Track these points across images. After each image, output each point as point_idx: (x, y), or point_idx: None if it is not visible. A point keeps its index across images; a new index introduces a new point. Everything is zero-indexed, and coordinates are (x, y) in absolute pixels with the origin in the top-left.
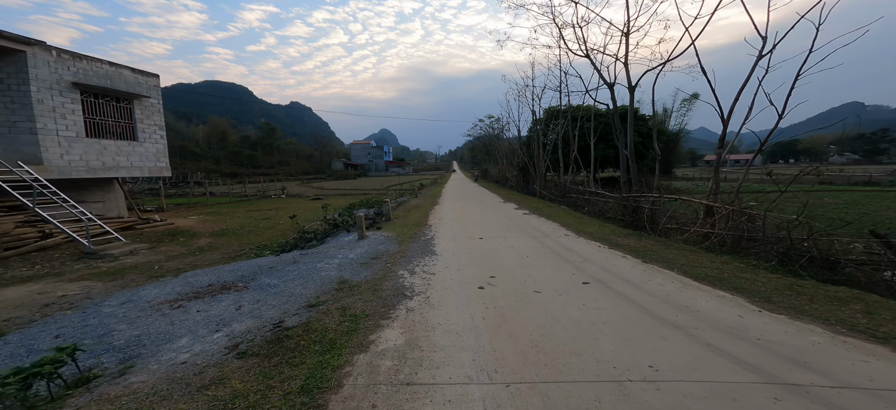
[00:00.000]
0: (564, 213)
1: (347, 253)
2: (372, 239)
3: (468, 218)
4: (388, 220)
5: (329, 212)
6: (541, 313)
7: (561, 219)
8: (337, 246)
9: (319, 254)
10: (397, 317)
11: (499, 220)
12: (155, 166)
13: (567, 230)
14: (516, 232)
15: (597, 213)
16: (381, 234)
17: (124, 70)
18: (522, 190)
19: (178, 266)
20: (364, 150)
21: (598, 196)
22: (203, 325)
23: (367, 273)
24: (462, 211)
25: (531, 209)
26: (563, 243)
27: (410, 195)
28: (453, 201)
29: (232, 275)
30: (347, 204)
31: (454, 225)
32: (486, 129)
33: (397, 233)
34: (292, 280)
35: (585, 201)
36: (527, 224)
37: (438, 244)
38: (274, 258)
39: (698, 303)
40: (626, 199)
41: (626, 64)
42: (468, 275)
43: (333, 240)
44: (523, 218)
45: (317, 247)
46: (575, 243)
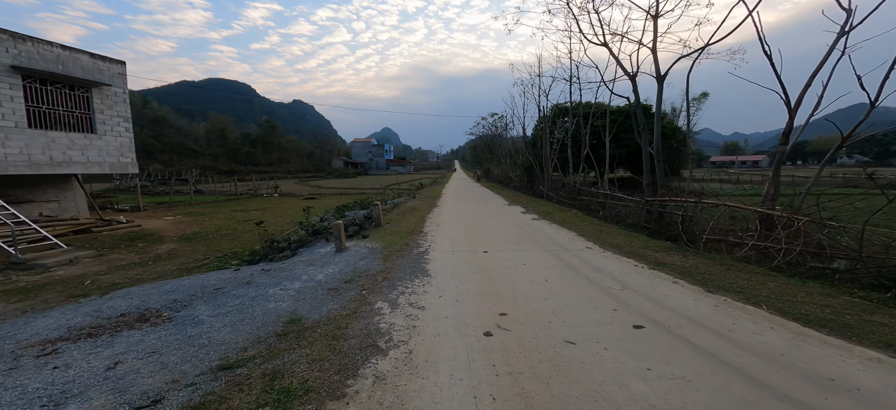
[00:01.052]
0: (578, 219)
1: (316, 273)
2: (353, 251)
3: (470, 223)
4: (378, 226)
5: (311, 216)
6: (584, 387)
7: (577, 227)
8: (308, 260)
9: (283, 272)
10: (356, 397)
11: (505, 227)
12: (118, 162)
13: (587, 241)
14: (527, 244)
15: (614, 219)
16: (366, 245)
17: (81, 55)
18: (527, 191)
19: (115, 280)
20: (365, 149)
21: (615, 199)
22: (28, 405)
23: (333, 305)
24: (463, 215)
25: (540, 213)
26: (589, 260)
27: (408, 196)
28: (454, 203)
29: (163, 299)
30: (340, 204)
31: (454, 233)
32: (489, 128)
33: (385, 244)
34: (228, 313)
35: (600, 205)
36: (538, 232)
37: (434, 259)
38: (231, 273)
39: (850, 374)
40: (650, 203)
41: (655, 50)
42: (470, 311)
43: (307, 252)
44: (533, 224)
45: (286, 260)
46: (603, 260)
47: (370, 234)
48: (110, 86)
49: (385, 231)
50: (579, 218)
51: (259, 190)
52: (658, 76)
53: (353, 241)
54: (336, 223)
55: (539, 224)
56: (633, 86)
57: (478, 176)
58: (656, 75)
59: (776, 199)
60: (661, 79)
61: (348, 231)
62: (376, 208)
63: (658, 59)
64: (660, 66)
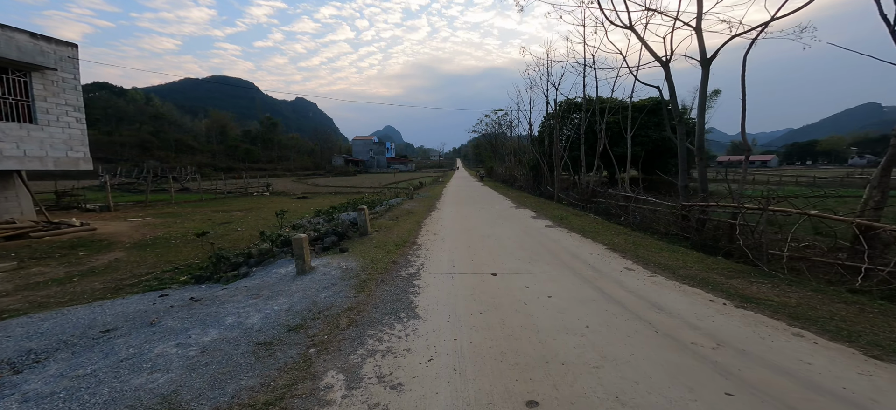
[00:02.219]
0: (599, 226)
1: (252, 312)
2: (320, 274)
3: (473, 231)
4: (363, 235)
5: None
6: None
7: (602, 237)
8: (256, 286)
9: (212, 305)
10: None
11: (516, 237)
12: (65, 157)
13: (623, 257)
14: (547, 262)
15: (639, 226)
16: (341, 263)
17: (17, 34)
18: (533, 191)
19: (6, 306)
20: (366, 146)
21: (639, 202)
22: None
23: (249, 381)
24: (465, 220)
25: (553, 218)
26: (639, 290)
27: (405, 196)
28: (455, 205)
29: (14, 349)
30: (332, 205)
31: (454, 246)
32: (492, 126)
33: (366, 262)
34: (65, 392)
35: (620, 208)
36: (556, 244)
37: (426, 287)
38: (152, 301)
39: None
40: (689, 208)
41: (699, 29)
42: (478, 396)
43: (262, 273)
44: (547, 233)
45: (230, 284)
46: (659, 291)
47: (351, 247)
48: (55, 70)
49: (371, 241)
50: (600, 225)
51: (249, 188)
52: (703, 59)
53: (325, 258)
54: (297, 237)
55: (555, 232)
56: (666, 73)
57: (481, 175)
58: (701, 59)
59: (882, 208)
60: (708, 63)
61: (324, 242)
62: (362, 213)
63: (703, 40)
64: (705, 47)
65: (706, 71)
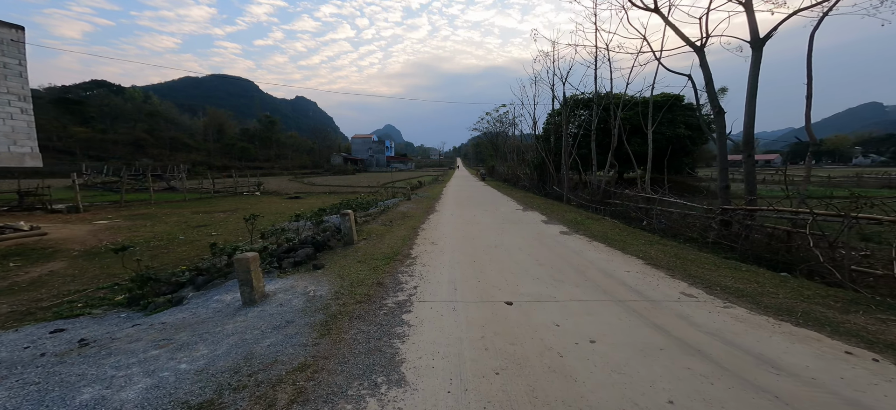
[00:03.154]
0: (623, 232)
1: (136, 379)
2: (273, 303)
3: (478, 240)
4: (348, 245)
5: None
6: None
7: (632, 247)
8: (176, 323)
9: (98, 355)
10: None
11: (530, 247)
12: (7, 153)
13: (674, 278)
14: (575, 282)
15: (667, 232)
16: (307, 287)
17: None
18: (538, 191)
19: None
20: (365, 145)
21: (664, 204)
22: None
23: None
24: (468, 225)
25: (567, 223)
26: (723, 332)
27: (403, 196)
28: (456, 207)
29: None
30: (324, 206)
31: (455, 260)
32: (493, 124)
33: (342, 285)
34: None
35: (641, 212)
36: (582, 257)
37: (418, 328)
38: (41, 333)
39: None
40: (730, 213)
41: (749, 5)
42: None
43: (201, 300)
44: (566, 242)
45: (154, 314)
46: (759, 337)
47: (329, 262)
48: None
49: (356, 253)
50: (623, 232)
51: (239, 187)
52: (755, 40)
53: (291, 278)
54: (241, 257)
55: (574, 241)
56: (701, 59)
57: (482, 174)
58: (751, 40)
59: None
60: (761, 45)
61: (296, 255)
62: (347, 218)
63: (755, 18)
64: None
65: (758, 54)
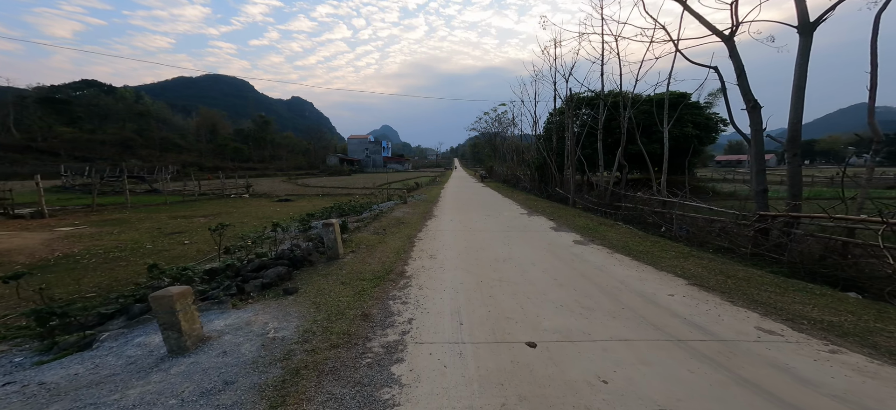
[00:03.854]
0: (645, 242)
1: None
2: (213, 351)
3: (483, 253)
4: (332, 260)
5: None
6: None
7: (664, 261)
8: (50, 388)
9: None
10: None
11: (544, 262)
12: None
13: (736, 306)
14: (610, 311)
15: (693, 240)
16: (269, 323)
17: None
18: (540, 192)
19: None
20: (361, 145)
21: (685, 209)
22: None
23: None
24: (470, 233)
25: (579, 230)
26: (865, 400)
27: (399, 199)
28: (456, 212)
29: None
30: (311, 210)
31: (458, 280)
32: (492, 124)
33: (316, 318)
34: None
35: (657, 216)
36: (608, 275)
37: (413, 390)
38: None
39: None
40: (771, 220)
41: None
42: None
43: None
44: (584, 254)
45: (48, 364)
46: None
47: (306, 283)
48: None
49: (340, 272)
50: (645, 241)
51: (226, 189)
52: (804, 25)
53: (249, 309)
54: (163, 294)
55: (593, 253)
56: (731, 49)
57: (481, 175)
58: (799, 25)
59: None
60: (811, 30)
61: (265, 275)
62: (330, 230)
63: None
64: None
65: (807, 39)
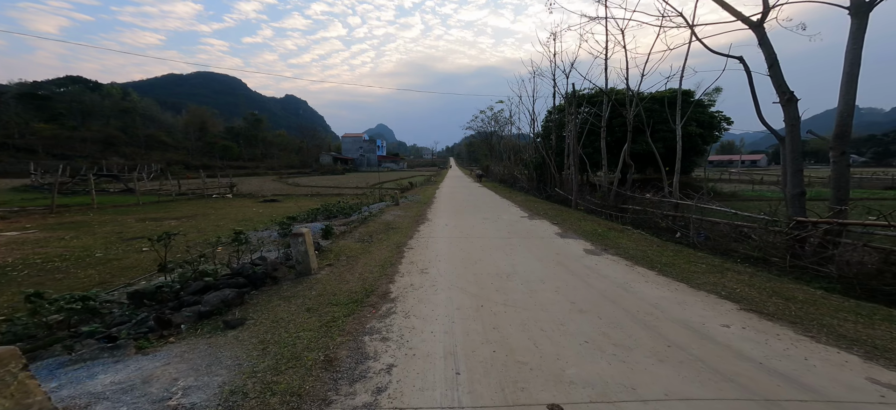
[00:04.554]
0: (662, 250)
1: None
2: None
3: (483, 266)
4: (303, 276)
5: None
6: None
7: (695, 276)
8: None
9: None
10: None
11: (557, 278)
12: None
13: (817, 342)
14: (655, 353)
15: (715, 247)
16: (179, 378)
17: None
18: (538, 193)
19: None
20: (355, 144)
21: (704, 213)
22: None
23: None
24: (467, 240)
25: (588, 236)
26: None
27: (391, 200)
28: (451, 215)
29: None
30: (295, 212)
31: (454, 302)
32: (488, 123)
33: (254, 371)
34: None
35: (670, 220)
36: (638, 298)
37: None
38: None
39: None
40: (810, 227)
41: None
42: None
43: None
44: (602, 268)
45: None
46: None
47: (258, 312)
48: None
49: (309, 292)
50: (663, 250)
51: (208, 189)
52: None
53: (159, 356)
54: None
55: (611, 266)
56: (760, 36)
57: (478, 174)
58: (852, 5)
59: None
60: (867, 10)
61: (206, 301)
62: (299, 241)
63: None
64: None
65: (861, 21)
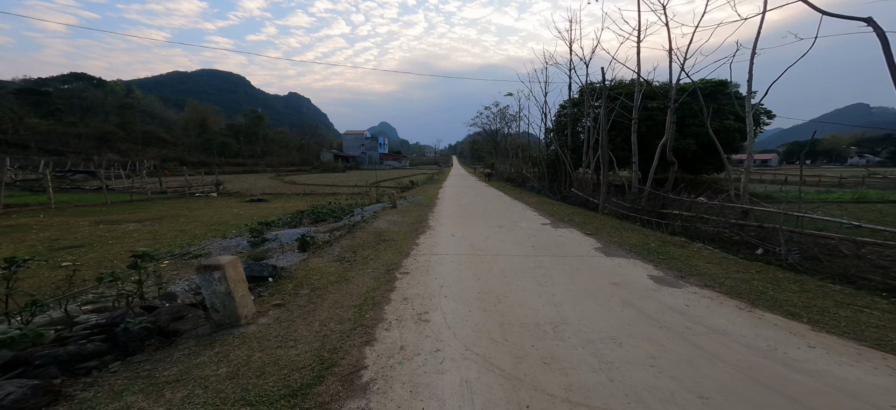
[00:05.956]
0: (769, 279)
1: None
2: None
3: (512, 307)
4: (223, 331)
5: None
6: None
7: (869, 332)
8: None
9: None
10: None
11: (637, 336)
12: None
13: None
14: None
15: (823, 273)
16: None
17: None
18: (551, 193)
19: None
20: (357, 141)
21: (794, 221)
22: None
23: None
24: (481, 259)
25: (642, 254)
26: None
27: (388, 201)
28: (457, 221)
29: None
30: (277, 216)
31: (475, 399)
32: (493, 119)
33: None
34: None
35: (738, 230)
36: (820, 381)
37: None
38: None
39: None
40: None
41: None
42: None
43: None
44: (705, 312)
45: None
46: None
47: (190, 371)
48: None
49: (214, 368)
50: (767, 277)
51: (191, 187)
52: None
53: None
54: None
55: (714, 310)
56: None
57: (487, 174)
58: None
59: None
60: None
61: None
62: (216, 279)
63: None
64: None
65: None
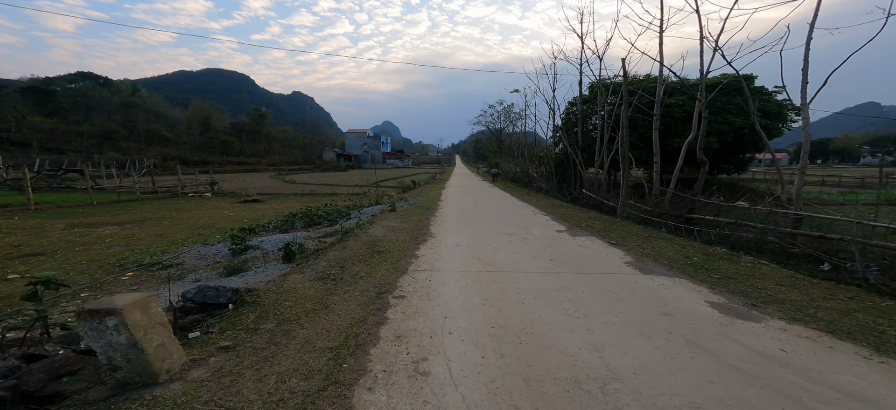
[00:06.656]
0: (866, 308)
1: None
2: None
3: (539, 350)
4: (130, 392)
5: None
6: None
7: None
8: None
9: None
10: None
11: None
12: None
13: None
14: None
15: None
16: None
17: None
18: (560, 194)
19: None
20: (359, 140)
21: (865, 231)
22: None
23: None
24: (492, 272)
25: (685, 270)
26: None
27: (388, 202)
28: (462, 228)
29: None
30: (273, 216)
31: None
32: (497, 118)
33: None
34: None
35: (789, 240)
36: None
37: None
38: None
39: None
40: None
41: None
42: None
43: None
44: (813, 364)
45: None
46: None
47: None
48: None
49: None
50: (856, 304)
51: (184, 187)
52: None
53: None
54: None
55: (821, 361)
56: None
57: (493, 174)
58: None
59: None
60: None
61: None
62: (113, 329)
63: None
64: None
65: None
